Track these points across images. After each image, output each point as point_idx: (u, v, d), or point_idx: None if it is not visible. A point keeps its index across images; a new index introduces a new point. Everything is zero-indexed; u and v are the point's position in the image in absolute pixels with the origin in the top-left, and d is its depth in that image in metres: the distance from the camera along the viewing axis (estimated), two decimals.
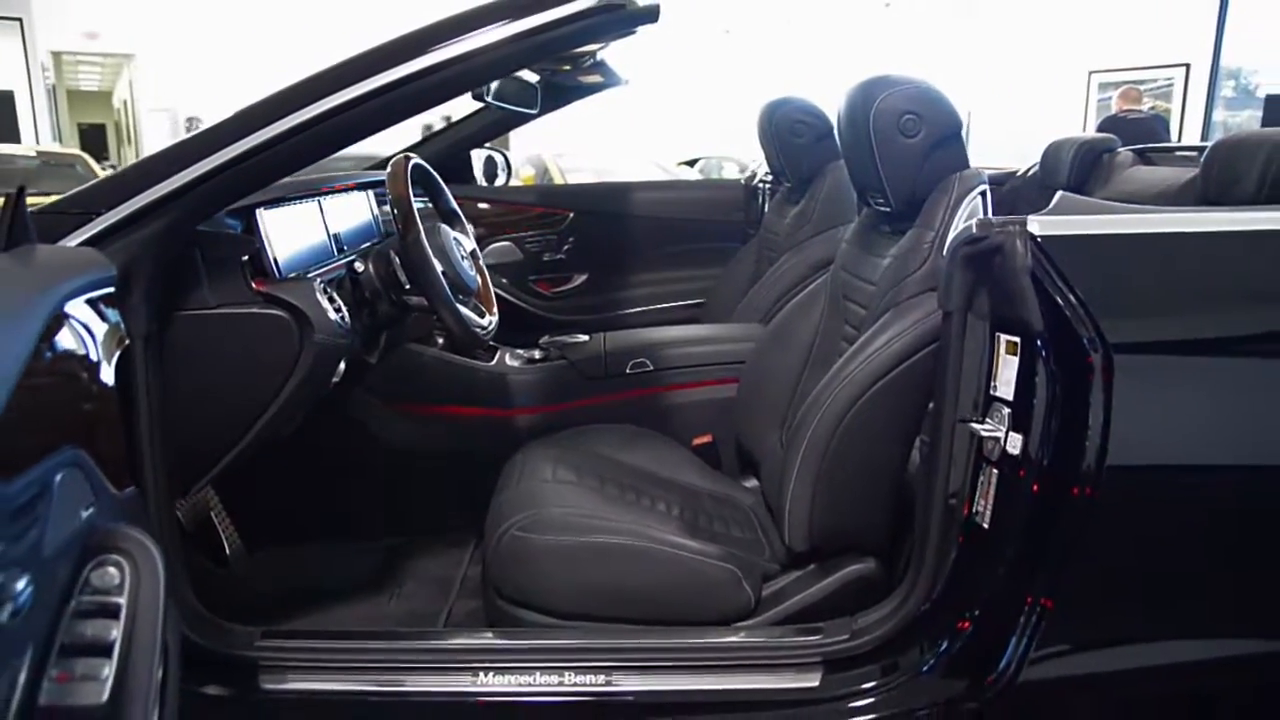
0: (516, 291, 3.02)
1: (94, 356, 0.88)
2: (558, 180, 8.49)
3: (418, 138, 3.04)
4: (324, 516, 2.07)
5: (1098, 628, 1.25)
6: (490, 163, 3.15)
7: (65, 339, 0.83)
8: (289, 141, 1.22)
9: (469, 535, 2.04)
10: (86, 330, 0.88)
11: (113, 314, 0.99)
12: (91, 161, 8.22)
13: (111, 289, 1.01)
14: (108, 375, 0.92)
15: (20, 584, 0.66)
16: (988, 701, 1.25)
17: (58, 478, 0.76)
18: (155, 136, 14.29)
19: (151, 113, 14.35)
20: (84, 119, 19.02)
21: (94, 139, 17.87)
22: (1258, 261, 1.24)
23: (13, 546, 0.66)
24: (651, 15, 1.29)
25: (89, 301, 0.92)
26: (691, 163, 11.55)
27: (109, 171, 9.34)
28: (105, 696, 0.73)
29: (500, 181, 3.21)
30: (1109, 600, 1.24)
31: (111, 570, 0.80)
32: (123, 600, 0.79)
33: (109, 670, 0.75)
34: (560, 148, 9.03)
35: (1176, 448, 1.21)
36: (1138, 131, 5.96)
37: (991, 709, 1.24)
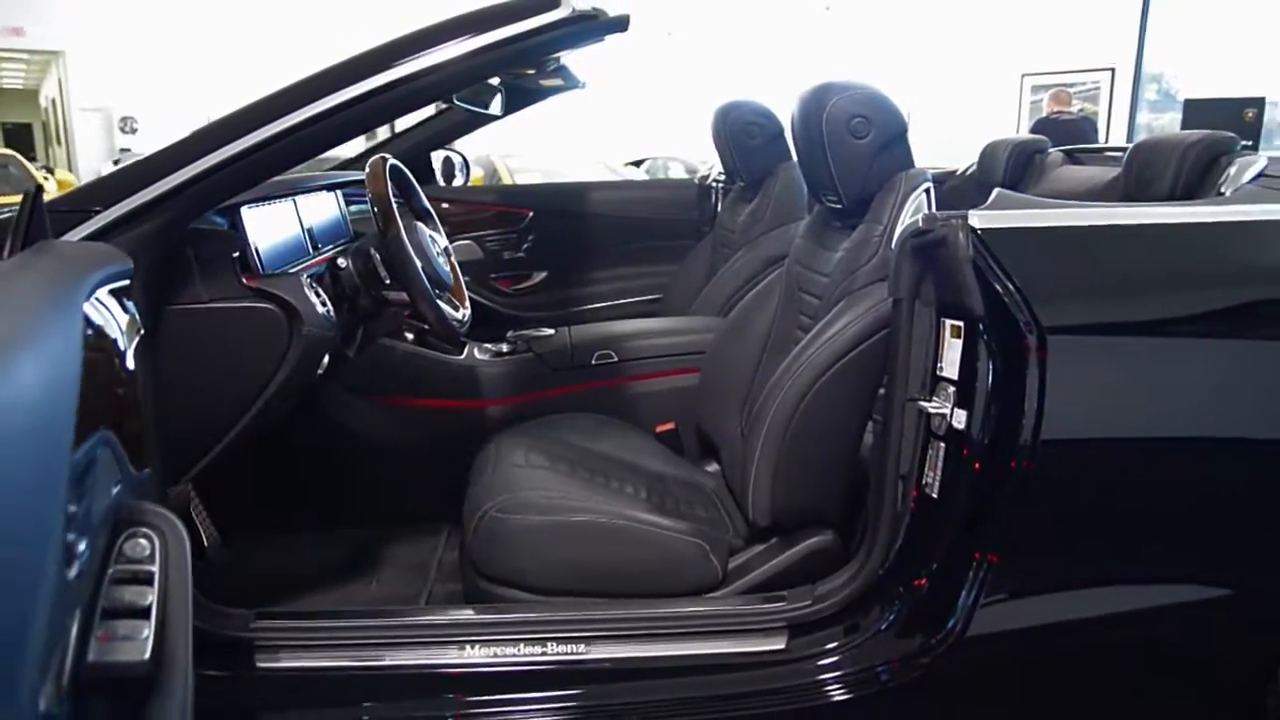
0: (478, 289, 3.08)
1: (121, 344, 0.94)
2: (506, 180, 8.52)
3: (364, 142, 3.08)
4: (299, 508, 2.12)
5: (1038, 579, 1.37)
6: (448, 163, 3.21)
7: (97, 326, 0.89)
8: (281, 143, 1.29)
9: (442, 523, 2.11)
10: (112, 318, 0.94)
11: (130, 304, 1.05)
12: (25, 162, 8.04)
13: (128, 281, 1.06)
14: (130, 362, 0.98)
15: (82, 546, 0.73)
16: (940, 655, 1.37)
17: (98, 454, 0.82)
18: (87, 136, 13.93)
19: (83, 112, 13.99)
20: (7, 118, 18.43)
21: (19, 138, 17.35)
22: (1173, 251, 1.38)
23: (77, 510, 0.72)
24: (621, 25, 1.39)
25: (111, 292, 0.98)
26: (638, 163, 11.64)
27: (43, 173, 9.12)
28: (147, 654, 0.80)
29: (458, 182, 3.27)
30: (1048, 555, 1.37)
31: (142, 541, 0.87)
32: (154, 569, 0.86)
33: (148, 631, 0.82)
34: (507, 149, 9.06)
35: (1104, 422, 1.34)
36: (1068, 132, 6.19)
37: (943, 661, 1.36)
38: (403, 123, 2.85)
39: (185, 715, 0.83)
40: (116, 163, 11.97)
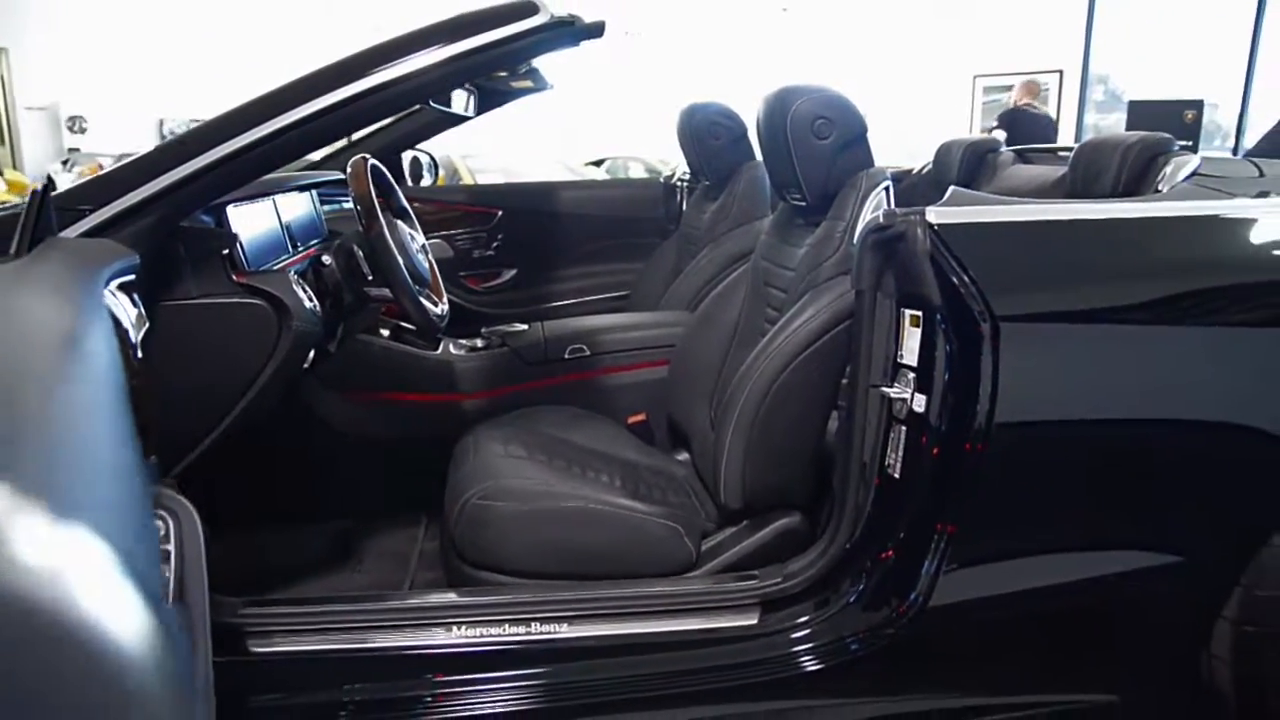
0: (448, 287, 3.11)
1: (132, 335, 0.99)
2: (467, 180, 8.52)
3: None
4: (279, 502, 2.15)
5: (994, 552, 1.47)
6: (416, 164, 3.24)
7: (114, 317, 0.93)
8: (271, 144, 1.33)
9: (420, 514, 2.16)
10: (123, 311, 0.99)
11: (138, 298, 1.09)
12: None
13: (134, 276, 1.10)
14: (139, 352, 1.02)
15: None
16: (904, 625, 1.45)
17: None
18: (33, 135, 13.60)
19: (28, 110, 13.66)
20: None
21: None
22: (1115, 244, 1.48)
23: None
24: (597, 31, 1.45)
25: (120, 286, 1.02)
26: (598, 163, 11.67)
27: None
28: None
29: (426, 182, 3.30)
30: (1004, 529, 1.46)
31: (158, 523, 0.91)
32: (170, 548, 0.91)
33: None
34: (467, 149, 9.05)
35: (1054, 403, 1.43)
36: (1035, 126, 6.33)
37: (908, 630, 1.45)
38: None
39: (208, 687, 0.88)
40: (65, 163, 11.75)
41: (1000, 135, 6.36)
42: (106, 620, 0.27)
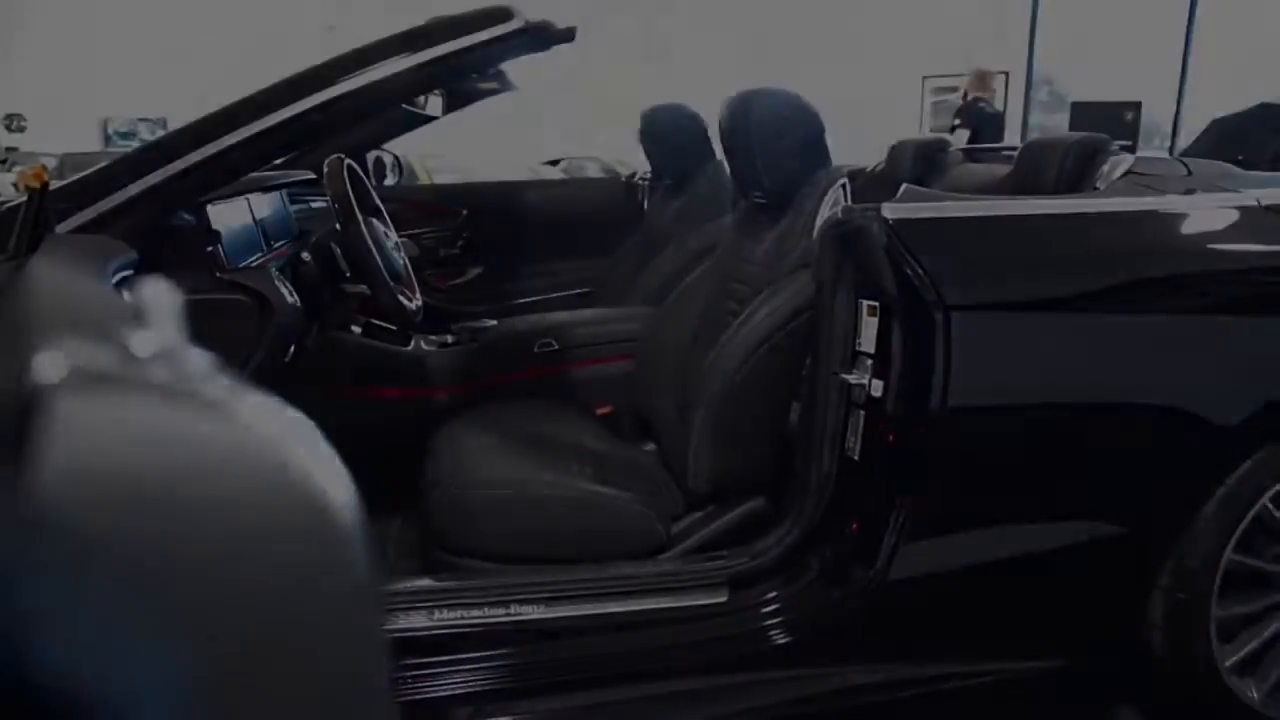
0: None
1: None
2: (424, 180, 8.51)
3: None
4: None
5: (947, 524, 1.56)
6: (379, 163, 3.27)
7: None
8: (254, 145, 1.38)
9: (396, 506, 2.20)
10: None
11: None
12: None
13: (133, 271, 1.14)
14: None
15: None
16: (867, 597, 1.54)
17: None
18: None
19: None
20: None
21: None
22: (1057, 237, 1.58)
23: None
24: (569, 36, 1.52)
25: (122, 281, 1.06)
26: (555, 163, 11.69)
27: None
28: None
29: (390, 182, 3.34)
30: (955, 503, 1.55)
31: None
32: None
33: None
34: (425, 149, 9.02)
35: (1004, 387, 1.53)
36: (989, 125, 6.44)
37: (870, 602, 1.54)
38: None
39: None
40: (4, 162, 11.46)
41: (964, 134, 6.45)
42: (330, 484, 0.32)
